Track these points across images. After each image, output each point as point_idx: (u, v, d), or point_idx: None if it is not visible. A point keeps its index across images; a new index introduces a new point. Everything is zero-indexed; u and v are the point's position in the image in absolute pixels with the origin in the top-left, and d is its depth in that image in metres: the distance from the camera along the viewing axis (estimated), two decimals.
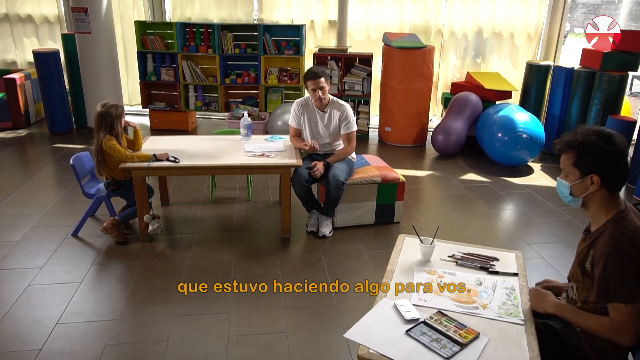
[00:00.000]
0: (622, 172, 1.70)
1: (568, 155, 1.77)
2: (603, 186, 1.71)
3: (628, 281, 1.64)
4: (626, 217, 1.72)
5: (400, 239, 2.50)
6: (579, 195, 1.78)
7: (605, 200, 1.75)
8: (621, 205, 1.76)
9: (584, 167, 1.73)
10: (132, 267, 3.21)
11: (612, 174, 1.70)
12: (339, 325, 2.66)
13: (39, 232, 3.64)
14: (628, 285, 1.64)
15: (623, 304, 1.64)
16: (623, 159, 1.70)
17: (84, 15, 5.84)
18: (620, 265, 1.65)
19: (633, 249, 1.65)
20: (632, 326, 1.64)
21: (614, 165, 1.69)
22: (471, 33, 6.64)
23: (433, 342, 1.72)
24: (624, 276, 1.64)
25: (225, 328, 2.62)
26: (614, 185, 1.72)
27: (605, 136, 1.70)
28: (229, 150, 3.68)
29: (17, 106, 6.27)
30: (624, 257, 1.65)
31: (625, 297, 1.64)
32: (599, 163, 1.69)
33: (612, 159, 1.68)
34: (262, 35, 6.08)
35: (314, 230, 3.73)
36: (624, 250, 1.65)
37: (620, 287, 1.65)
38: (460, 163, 5.49)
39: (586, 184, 1.74)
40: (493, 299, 1.98)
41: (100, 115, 3.35)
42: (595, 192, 1.73)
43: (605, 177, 1.70)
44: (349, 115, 3.68)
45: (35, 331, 2.57)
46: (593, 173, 1.71)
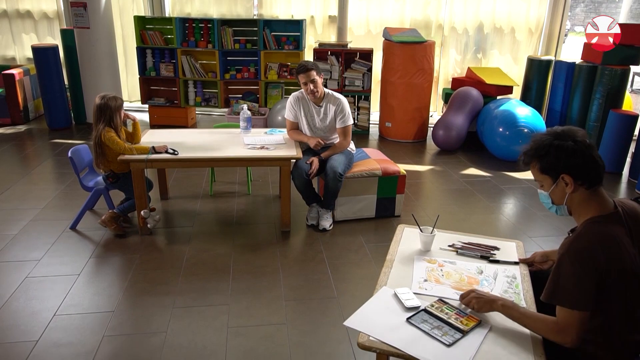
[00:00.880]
0: (591, 165, 1.60)
1: (533, 165, 1.70)
2: (579, 184, 1.63)
3: (579, 287, 1.53)
4: (604, 222, 1.60)
5: (400, 229, 2.48)
6: (560, 202, 1.70)
7: (584, 200, 1.65)
8: (606, 207, 1.64)
9: (551, 170, 1.65)
10: (131, 260, 3.18)
11: (581, 168, 1.60)
12: (339, 316, 2.64)
13: (37, 226, 3.62)
14: (577, 291, 1.53)
15: (568, 309, 1.55)
16: (587, 151, 1.60)
17: (82, 10, 5.81)
18: (576, 268, 1.54)
19: (592, 256, 1.53)
20: (576, 330, 1.54)
21: (579, 158, 1.60)
22: (472, 28, 6.61)
23: (434, 329, 1.69)
24: (576, 280, 1.53)
25: (224, 319, 2.60)
26: (589, 181, 1.61)
27: (559, 134, 1.64)
28: (229, 143, 3.65)
29: (16, 102, 6.24)
30: (582, 260, 1.53)
31: (572, 302, 1.54)
32: (562, 161, 1.61)
33: (574, 153, 1.60)
34: (262, 31, 6.06)
35: (314, 224, 3.71)
36: (582, 255, 1.54)
37: (569, 291, 1.54)
38: (461, 158, 5.46)
39: (562, 187, 1.66)
40: (494, 287, 1.95)
41: (98, 107, 3.33)
42: (574, 193, 1.64)
43: (576, 173, 1.61)
44: (345, 108, 3.65)
45: (32, 322, 2.55)
46: (562, 173, 1.63)
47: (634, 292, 1.59)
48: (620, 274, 1.55)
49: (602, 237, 1.56)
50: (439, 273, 2.06)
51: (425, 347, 1.61)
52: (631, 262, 1.57)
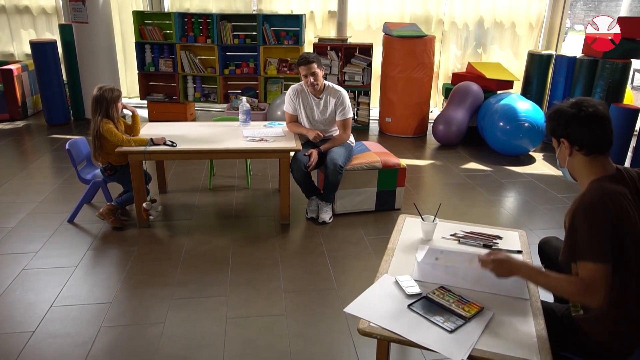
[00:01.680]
0: (587, 134, 1.61)
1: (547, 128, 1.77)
2: (576, 150, 1.66)
3: (597, 238, 1.52)
4: (608, 180, 1.61)
5: (401, 218, 2.45)
6: (563, 165, 1.76)
7: (584, 166, 1.67)
8: (608, 170, 1.65)
9: (554, 133, 1.71)
10: (129, 252, 3.15)
11: (579, 135, 1.62)
12: (339, 307, 2.61)
13: (35, 219, 3.59)
14: (596, 242, 1.52)
15: (591, 262, 1.51)
16: (587, 119, 1.61)
17: (81, 4, 5.78)
18: (590, 221, 1.53)
19: (605, 206, 1.53)
20: (603, 286, 1.50)
21: (576, 126, 1.62)
22: (472, 23, 6.58)
23: (436, 315, 1.67)
24: (593, 232, 1.52)
25: (223, 311, 2.57)
26: (588, 148, 1.63)
27: (573, 102, 1.67)
28: (228, 136, 3.62)
29: (14, 97, 6.21)
30: (594, 212, 1.53)
31: (593, 254, 1.51)
32: (562, 126, 1.66)
33: (572, 120, 1.63)
34: (262, 26, 6.03)
35: (313, 217, 3.68)
36: (595, 205, 1.54)
37: (588, 244, 1.52)
38: (461, 153, 5.43)
39: (563, 151, 1.70)
40: None
41: (95, 98, 3.30)
42: (574, 158, 1.68)
43: (573, 139, 1.64)
44: (345, 101, 3.62)
45: (28, 314, 2.52)
46: (561, 137, 1.68)
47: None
48: (631, 228, 1.55)
49: (608, 192, 1.56)
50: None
51: (427, 334, 1.59)
52: (636, 221, 1.57)
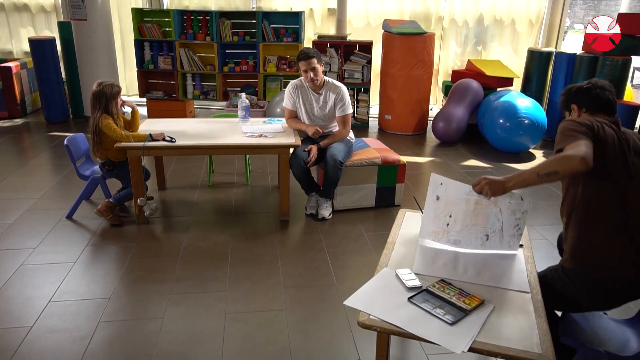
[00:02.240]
0: (589, 97, 1.95)
1: (559, 105, 2.14)
2: (583, 111, 1.98)
3: (579, 126, 1.79)
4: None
5: (401, 213, 2.44)
6: None
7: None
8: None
9: (567, 104, 2.06)
10: (128, 248, 3.14)
11: (582, 99, 1.98)
12: (338, 302, 2.59)
13: (33, 215, 3.57)
14: (579, 127, 1.78)
15: (573, 141, 1.73)
16: (591, 89, 1.96)
17: (80, 1, 5.76)
18: (573, 121, 1.83)
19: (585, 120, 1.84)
20: (585, 148, 1.69)
21: (582, 93, 1.98)
22: (472, 20, 6.57)
23: (436, 308, 1.65)
24: (576, 124, 1.80)
25: (222, 306, 2.56)
26: (588, 107, 1.96)
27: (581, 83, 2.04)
28: (227, 132, 3.61)
29: (13, 95, 6.19)
30: (575, 119, 1.85)
31: (578, 134, 1.75)
32: (572, 96, 2.02)
33: (579, 90, 1.99)
34: (261, 23, 6.01)
35: (313, 213, 3.66)
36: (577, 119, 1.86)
37: (572, 130, 1.78)
38: (461, 150, 5.42)
39: (573, 115, 2.03)
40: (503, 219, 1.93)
41: (95, 94, 3.28)
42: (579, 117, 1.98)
43: (580, 103, 1.99)
44: (344, 97, 3.61)
45: (27, 309, 2.50)
46: (572, 104, 2.03)
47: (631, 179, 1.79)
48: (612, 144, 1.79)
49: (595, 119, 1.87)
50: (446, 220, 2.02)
51: (428, 326, 1.57)
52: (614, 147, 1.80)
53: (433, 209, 2.04)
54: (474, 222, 1.98)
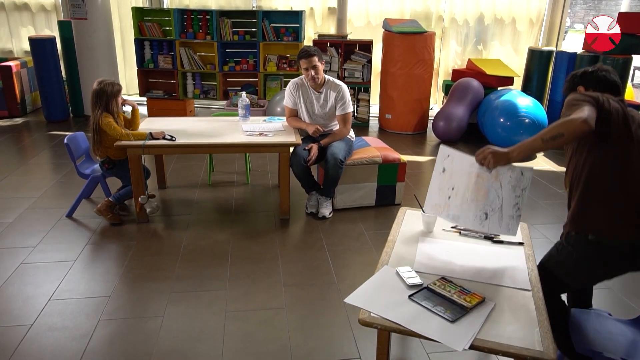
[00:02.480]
0: (594, 78, 2.01)
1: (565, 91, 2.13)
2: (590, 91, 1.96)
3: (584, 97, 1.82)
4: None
5: (402, 211, 2.44)
6: None
7: None
8: None
9: (572, 88, 2.09)
10: (128, 247, 3.14)
11: (588, 80, 2.03)
12: (338, 301, 2.59)
13: (33, 214, 3.57)
14: (584, 98, 1.81)
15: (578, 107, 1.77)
16: (597, 72, 2.02)
17: (80, 0, 5.76)
18: (578, 95, 1.85)
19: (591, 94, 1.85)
20: (589, 111, 1.73)
21: (588, 75, 2.04)
22: (472, 19, 6.57)
23: (437, 306, 1.65)
24: (581, 97, 1.82)
25: (222, 304, 2.56)
26: (598, 88, 1.98)
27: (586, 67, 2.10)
28: (227, 130, 3.61)
29: (13, 94, 6.19)
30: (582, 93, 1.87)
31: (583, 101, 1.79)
32: (578, 79, 2.07)
33: (585, 73, 2.05)
34: (261, 22, 6.01)
35: (313, 212, 3.66)
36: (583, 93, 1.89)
37: (578, 100, 1.82)
38: (461, 149, 5.36)
39: None
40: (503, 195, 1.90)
41: (95, 92, 3.28)
42: None
43: (584, 84, 2.04)
44: (345, 95, 3.61)
45: (27, 307, 2.50)
46: (578, 85, 2.06)
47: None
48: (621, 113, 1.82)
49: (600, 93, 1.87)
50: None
51: (428, 324, 1.57)
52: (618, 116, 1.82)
53: (438, 181, 2.02)
54: (474, 197, 1.92)
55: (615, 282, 2.81)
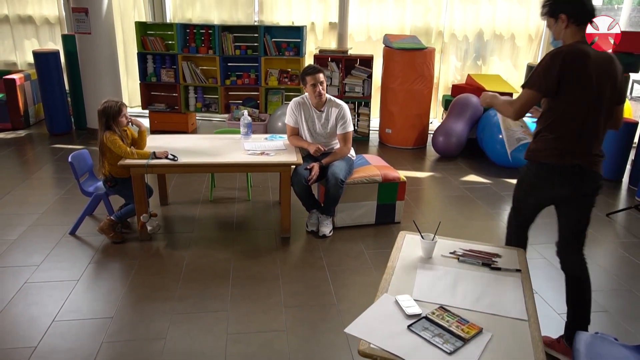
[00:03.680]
0: (579, 7, 2.19)
1: (542, 14, 2.32)
2: (571, 22, 2.21)
3: (544, 72, 2.15)
4: (583, 43, 2.21)
5: (401, 235, 2.47)
6: (558, 37, 2.29)
7: (573, 35, 2.22)
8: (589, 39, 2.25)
9: (552, 12, 2.25)
10: (130, 266, 3.17)
11: (573, 9, 2.19)
12: (339, 323, 2.62)
13: (37, 231, 3.61)
14: (541, 74, 2.16)
15: (526, 88, 2.20)
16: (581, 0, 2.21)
17: (84, 15, 5.83)
18: (546, 60, 2.16)
19: (562, 53, 2.14)
20: (520, 104, 2.22)
21: (573, 1, 2.19)
22: (472, 35, 6.64)
23: (435, 337, 1.68)
24: (544, 68, 2.15)
25: (224, 326, 2.59)
26: (578, 18, 2.20)
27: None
28: (229, 149, 3.65)
29: (16, 107, 6.25)
30: (552, 55, 2.15)
31: (532, 83, 2.19)
32: (560, 4, 2.22)
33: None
34: (263, 37, 6.08)
35: (314, 230, 3.70)
36: (556, 51, 2.16)
37: (535, 75, 2.18)
38: (461, 165, 5.46)
39: (559, 25, 2.24)
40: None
41: (99, 112, 3.34)
42: (568, 29, 2.23)
43: (571, 13, 2.19)
44: (346, 115, 3.67)
45: (31, 328, 2.53)
46: (560, 13, 2.22)
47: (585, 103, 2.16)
48: (580, 77, 2.13)
49: (576, 49, 2.16)
50: None
51: (426, 355, 1.60)
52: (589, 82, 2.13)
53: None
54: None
55: (613, 306, 2.84)
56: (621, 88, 2.26)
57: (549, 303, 2.82)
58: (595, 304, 2.84)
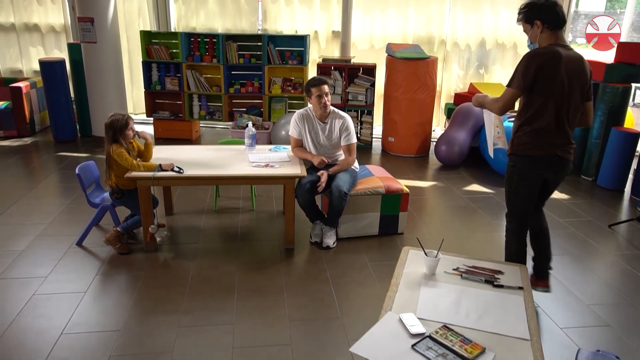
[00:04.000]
0: (553, 15, 2.50)
1: (519, 20, 2.63)
2: (545, 27, 2.53)
3: (522, 72, 2.48)
4: (559, 46, 2.51)
5: (405, 251, 2.51)
6: (534, 41, 2.60)
7: (548, 38, 2.55)
8: (562, 41, 2.55)
9: (528, 18, 2.58)
10: (136, 277, 3.21)
11: (547, 16, 2.51)
12: (342, 337, 2.65)
13: (44, 241, 3.65)
14: (520, 74, 2.49)
15: (509, 87, 2.55)
16: (551, 7, 2.51)
17: (90, 25, 5.89)
18: (524, 62, 2.49)
19: (538, 55, 2.48)
20: (504, 101, 2.58)
21: (545, 10, 2.52)
22: (474, 43, 6.68)
23: (439, 357, 1.72)
24: (523, 68, 2.49)
25: (229, 339, 2.62)
26: (551, 24, 2.52)
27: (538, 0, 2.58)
28: (234, 161, 3.69)
29: (22, 114, 6.31)
30: (530, 58, 2.48)
31: (513, 82, 2.53)
32: (537, 11, 2.54)
33: (542, 7, 2.52)
34: (266, 46, 6.13)
35: (317, 241, 3.73)
36: (533, 53, 2.50)
37: (515, 75, 2.52)
38: (463, 174, 5.49)
39: (535, 30, 2.57)
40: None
41: (106, 126, 3.39)
42: (543, 34, 2.55)
43: (545, 19, 2.52)
44: (349, 126, 3.73)
45: (40, 341, 2.57)
46: (535, 19, 2.55)
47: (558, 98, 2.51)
48: (553, 75, 2.46)
49: (550, 51, 2.49)
50: None
51: None
52: (561, 80, 2.48)
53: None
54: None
55: (614, 320, 2.87)
56: (590, 86, 2.62)
57: (551, 317, 2.85)
58: (596, 318, 2.87)
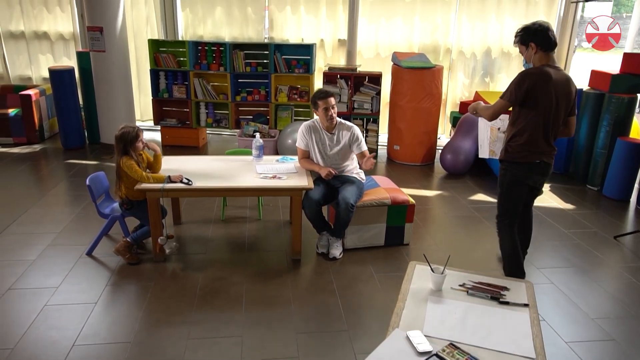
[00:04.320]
0: (546, 38, 2.87)
1: (515, 42, 3.01)
2: (539, 49, 2.89)
3: (515, 87, 2.88)
4: (551, 67, 2.88)
5: (411, 266, 2.54)
6: (529, 61, 2.97)
7: (541, 59, 2.92)
8: (554, 62, 2.93)
9: (525, 41, 2.94)
10: (146, 288, 3.26)
11: (540, 39, 2.88)
12: (349, 350, 2.69)
13: (54, 251, 3.71)
14: (513, 89, 2.89)
15: (500, 99, 2.96)
16: (544, 31, 2.86)
17: (99, 34, 5.97)
18: (517, 79, 2.88)
19: (530, 74, 2.86)
20: (494, 110, 3.01)
21: (540, 34, 2.87)
22: (480, 52, 6.71)
23: None
24: (515, 85, 2.89)
25: (238, 352, 2.66)
26: (544, 47, 2.89)
27: (532, 23, 2.94)
28: (241, 172, 3.73)
29: (31, 122, 6.39)
30: (524, 76, 2.87)
31: (505, 94, 2.94)
32: (532, 35, 2.90)
33: (536, 31, 2.88)
34: (273, 54, 6.18)
35: (324, 252, 3.77)
36: (526, 72, 2.88)
37: (509, 89, 2.92)
38: (468, 183, 5.52)
39: (530, 51, 2.93)
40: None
41: (117, 138, 3.44)
42: (537, 55, 2.92)
43: (538, 42, 2.89)
44: (359, 136, 3.78)
45: (52, 353, 2.62)
46: (530, 42, 2.91)
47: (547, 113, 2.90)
48: (543, 93, 2.84)
49: (542, 71, 2.86)
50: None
51: None
52: (550, 98, 2.86)
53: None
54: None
55: (619, 334, 2.89)
56: (574, 103, 3.00)
57: (557, 331, 2.88)
58: (601, 332, 2.89)
